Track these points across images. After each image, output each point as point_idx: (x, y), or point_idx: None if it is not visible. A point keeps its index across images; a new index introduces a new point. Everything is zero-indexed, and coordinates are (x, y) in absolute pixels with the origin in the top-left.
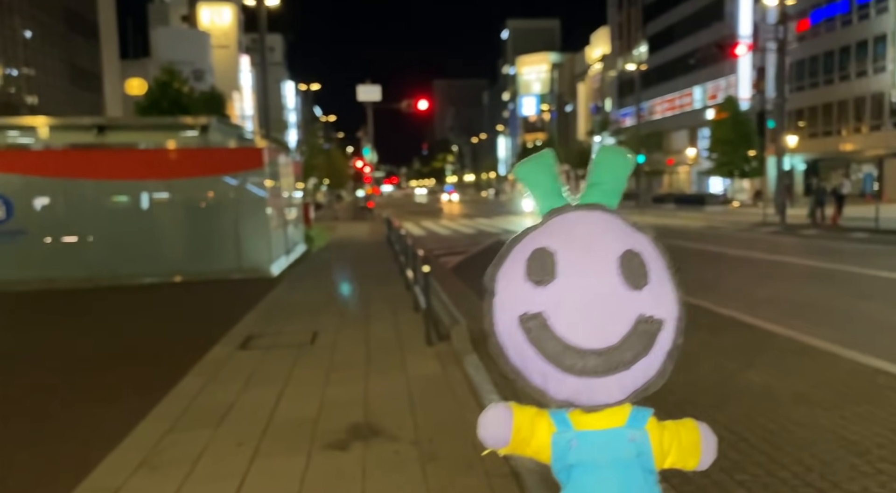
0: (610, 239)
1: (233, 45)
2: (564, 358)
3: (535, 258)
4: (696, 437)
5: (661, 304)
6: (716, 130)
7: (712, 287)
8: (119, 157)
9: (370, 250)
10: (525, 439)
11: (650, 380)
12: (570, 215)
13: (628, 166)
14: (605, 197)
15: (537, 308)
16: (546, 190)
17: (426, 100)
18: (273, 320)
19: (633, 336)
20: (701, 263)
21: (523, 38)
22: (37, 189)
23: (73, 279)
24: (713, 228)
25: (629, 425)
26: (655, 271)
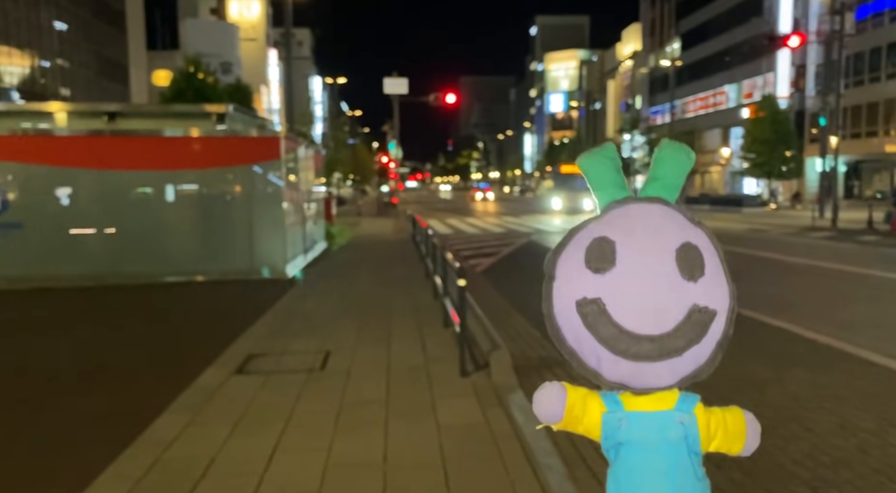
0: (668, 231)
1: (261, 39)
2: (619, 342)
3: (595, 246)
4: (742, 423)
5: (714, 295)
6: (753, 129)
7: (789, 304)
8: (123, 145)
9: (394, 249)
10: (577, 417)
11: (700, 367)
12: (630, 207)
13: (690, 162)
14: (665, 191)
15: (595, 294)
16: (607, 182)
17: (454, 93)
18: (281, 332)
19: (687, 325)
20: (764, 272)
21: (552, 35)
22: (34, 179)
23: (73, 277)
24: (758, 231)
25: (678, 408)
26: (711, 264)
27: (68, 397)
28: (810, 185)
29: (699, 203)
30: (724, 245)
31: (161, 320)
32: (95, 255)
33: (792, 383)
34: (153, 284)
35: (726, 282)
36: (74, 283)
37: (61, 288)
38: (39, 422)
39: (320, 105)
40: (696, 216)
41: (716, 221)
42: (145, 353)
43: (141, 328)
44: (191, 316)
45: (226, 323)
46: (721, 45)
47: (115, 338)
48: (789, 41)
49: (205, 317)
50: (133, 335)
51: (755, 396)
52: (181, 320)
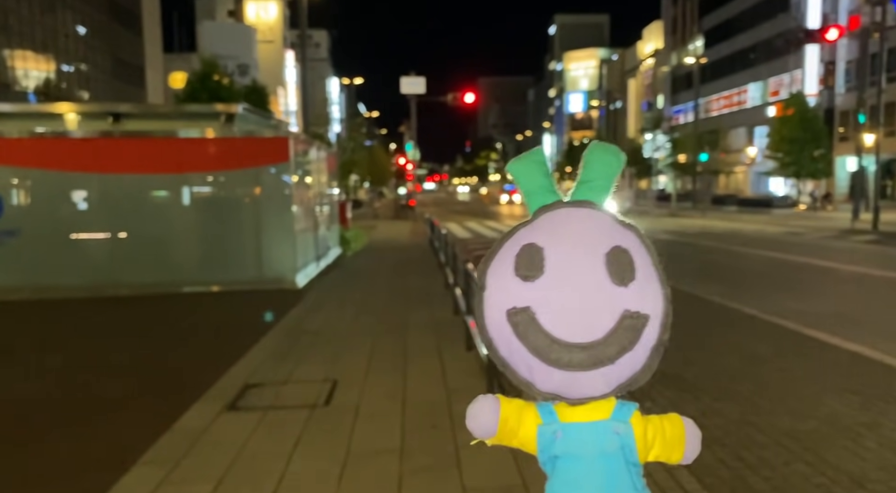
0: (597, 235)
1: (278, 41)
2: (551, 352)
3: (524, 254)
4: (681, 431)
5: (646, 300)
6: (781, 127)
7: (855, 321)
8: (122, 147)
9: (411, 255)
10: (512, 430)
11: (635, 375)
12: (559, 212)
13: (619, 165)
14: (595, 194)
15: (525, 303)
16: (537, 187)
17: (473, 93)
18: (285, 356)
19: (619, 331)
20: (816, 282)
21: (571, 34)
22: (31, 183)
23: (69, 288)
24: (794, 234)
25: (613, 417)
26: (642, 267)
27: (34, 444)
28: (840, 185)
29: (726, 204)
30: (757, 249)
31: (156, 338)
32: (94, 265)
33: (889, 426)
34: (153, 295)
35: (660, 286)
36: (71, 294)
37: (57, 300)
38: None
39: (337, 106)
40: (627, 218)
41: (747, 223)
42: (131, 380)
43: (132, 349)
44: (188, 334)
45: (225, 343)
46: (746, 43)
47: (101, 361)
48: (827, 34)
49: (203, 335)
50: (122, 358)
51: (848, 444)
52: (177, 338)
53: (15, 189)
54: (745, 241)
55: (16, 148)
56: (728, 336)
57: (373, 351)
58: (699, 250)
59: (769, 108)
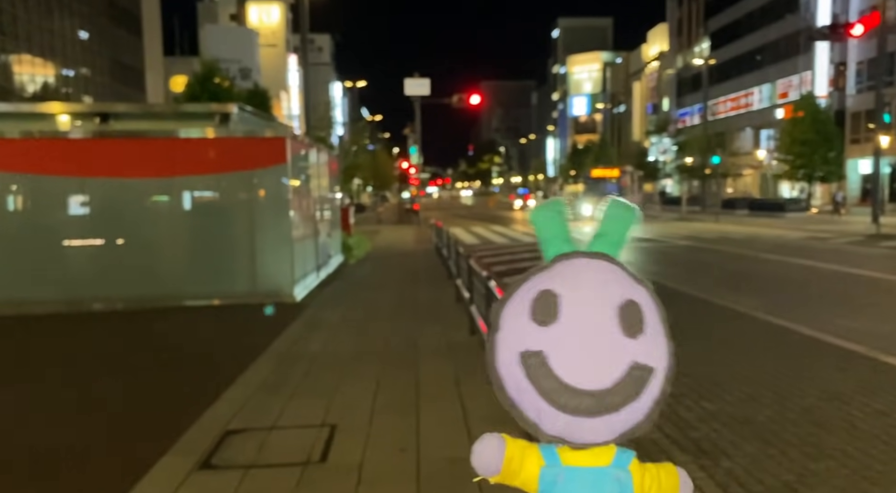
0: (612, 288)
1: (281, 45)
2: (560, 396)
3: (541, 299)
4: (676, 480)
5: (653, 353)
6: (792, 130)
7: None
8: (106, 149)
9: (417, 262)
10: (515, 470)
11: (638, 424)
12: (577, 261)
13: (634, 220)
14: (610, 247)
15: (538, 347)
16: (555, 236)
17: (478, 94)
18: (276, 388)
19: (626, 381)
20: (862, 294)
21: (574, 37)
22: (4, 186)
23: (45, 303)
24: (818, 239)
25: (615, 464)
26: (651, 322)
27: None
28: (851, 188)
29: (737, 208)
30: (795, 257)
31: (131, 364)
32: (72, 277)
33: None
34: (136, 311)
35: (666, 341)
36: (47, 309)
37: (32, 316)
38: None
39: (340, 110)
40: (639, 274)
41: (763, 228)
42: (96, 421)
43: (103, 378)
44: (169, 359)
45: (209, 370)
46: (753, 44)
47: (65, 395)
48: (853, 30)
49: (186, 360)
50: (89, 391)
51: None
52: (156, 364)
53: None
54: (770, 247)
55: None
56: (790, 364)
57: (379, 383)
58: (725, 257)
59: (777, 110)
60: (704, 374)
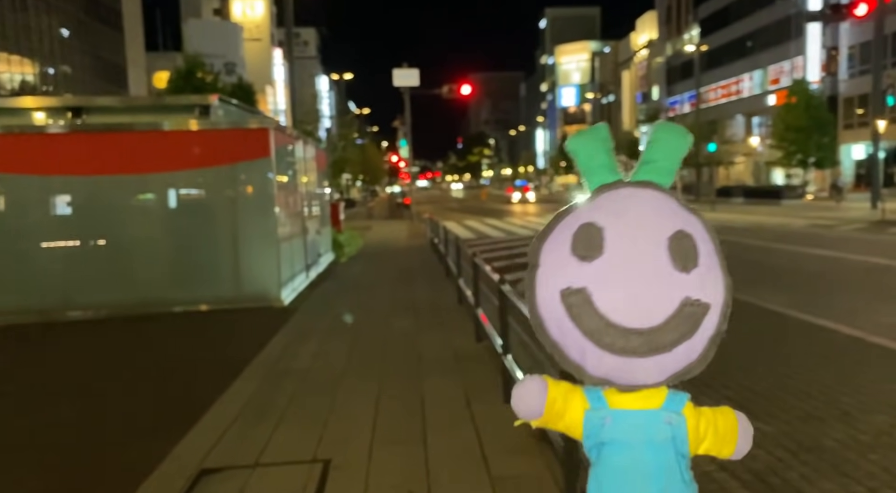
0: (661, 218)
1: (265, 39)
2: (605, 336)
3: (582, 233)
4: (734, 425)
5: (707, 288)
6: (785, 116)
7: None
8: (74, 144)
9: (412, 259)
10: (558, 412)
11: (691, 364)
12: (621, 191)
13: (686, 145)
14: (659, 175)
15: (581, 283)
16: (598, 165)
17: (469, 85)
18: (261, 412)
19: (678, 319)
20: (892, 285)
21: (562, 27)
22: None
23: (12, 311)
24: (823, 227)
25: (665, 407)
26: (705, 254)
27: None
28: (845, 173)
29: (732, 195)
30: (806, 247)
31: (98, 385)
32: (41, 282)
33: None
34: (109, 319)
35: (722, 274)
36: (12, 319)
37: (3, 326)
38: None
39: (327, 104)
40: (690, 204)
41: (763, 216)
42: (51, 462)
43: (65, 404)
44: (141, 377)
45: (186, 389)
46: (744, 30)
47: (12, 426)
48: (856, 10)
49: (157, 379)
50: (49, 420)
51: None
52: (126, 384)
53: None
54: (777, 236)
55: None
56: (843, 372)
57: (378, 405)
58: (734, 248)
59: (769, 96)
60: (749, 385)
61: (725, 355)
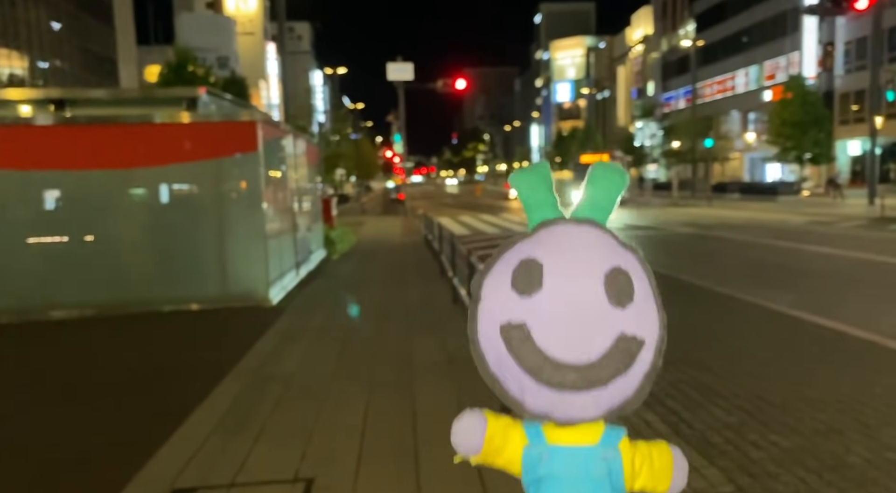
0: (598, 254)
1: (259, 33)
2: (543, 371)
3: (523, 268)
4: (669, 460)
5: (643, 324)
6: (782, 111)
7: None
8: (53, 138)
9: (406, 257)
10: (497, 449)
11: (627, 400)
12: (560, 228)
13: (623, 183)
14: (597, 212)
15: (520, 319)
16: (539, 200)
17: (464, 79)
18: (240, 423)
19: (614, 354)
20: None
21: (557, 22)
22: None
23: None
24: (821, 224)
25: (602, 443)
26: (640, 290)
27: None
28: (841, 170)
29: (727, 191)
30: (806, 244)
31: (70, 390)
32: (18, 281)
33: None
34: (87, 319)
35: (656, 310)
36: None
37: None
38: None
39: (321, 99)
40: (627, 240)
41: (759, 212)
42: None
43: (19, 415)
44: (116, 382)
45: (162, 397)
46: (739, 25)
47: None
48: (857, 3)
49: (131, 386)
50: (9, 431)
51: None
52: (99, 389)
53: None
54: (776, 233)
55: None
56: (859, 380)
57: (367, 416)
58: (733, 245)
59: (765, 92)
60: (762, 394)
61: (735, 360)
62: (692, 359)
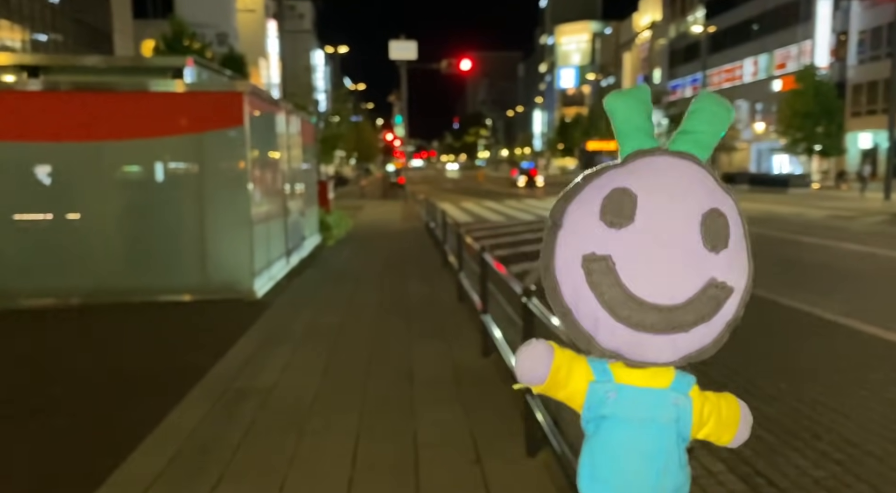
0: (698, 193)
1: (259, 10)
2: (623, 308)
3: (614, 198)
4: (737, 412)
5: (734, 271)
6: (793, 102)
7: None
8: (9, 105)
9: (406, 245)
10: (561, 381)
11: (705, 347)
12: (658, 159)
13: (729, 119)
14: (698, 148)
15: (606, 250)
16: (636, 127)
17: (469, 59)
18: (198, 465)
19: (701, 299)
20: None
21: (563, 7)
22: None
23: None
24: (843, 218)
25: (673, 387)
26: (735, 236)
27: None
28: (851, 162)
29: (736, 182)
30: (836, 241)
31: (5, 407)
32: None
33: None
34: (48, 309)
35: (747, 259)
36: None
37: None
38: None
39: (322, 79)
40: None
41: (775, 205)
42: None
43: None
44: (59, 398)
45: (108, 422)
46: (750, 13)
47: None
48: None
49: (81, 400)
50: None
51: None
52: (32, 405)
53: None
54: (799, 228)
55: None
56: None
57: (356, 454)
58: (758, 241)
59: (775, 81)
60: (847, 436)
61: (799, 385)
62: (750, 384)
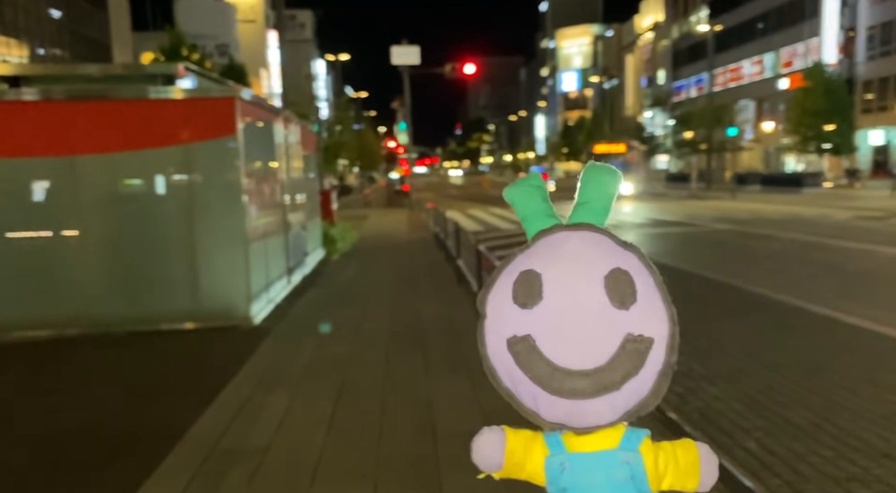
0: (596, 257)
1: (260, 20)
2: (553, 380)
3: (522, 281)
4: (695, 457)
5: (649, 322)
6: (803, 100)
7: None
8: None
9: (415, 257)
10: (519, 462)
11: (643, 400)
12: (556, 235)
13: (616, 184)
14: (593, 215)
15: (525, 331)
16: (534, 212)
17: (473, 64)
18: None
19: (622, 356)
20: None
21: (563, 10)
22: None
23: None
24: (871, 219)
25: (622, 446)
26: (644, 289)
27: None
28: (862, 160)
29: (748, 183)
30: (872, 245)
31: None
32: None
33: None
34: (21, 343)
35: (664, 307)
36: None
37: None
38: None
39: (324, 88)
40: (627, 240)
41: (792, 206)
42: None
43: None
44: (22, 455)
45: (73, 487)
46: (755, 11)
47: None
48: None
49: (23, 473)
50: None
51: None
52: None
53: None
54: (825, 230)
55: None
56: None
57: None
58: (788, 245)
59: (782, 80)
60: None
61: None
62: (820, 425)
